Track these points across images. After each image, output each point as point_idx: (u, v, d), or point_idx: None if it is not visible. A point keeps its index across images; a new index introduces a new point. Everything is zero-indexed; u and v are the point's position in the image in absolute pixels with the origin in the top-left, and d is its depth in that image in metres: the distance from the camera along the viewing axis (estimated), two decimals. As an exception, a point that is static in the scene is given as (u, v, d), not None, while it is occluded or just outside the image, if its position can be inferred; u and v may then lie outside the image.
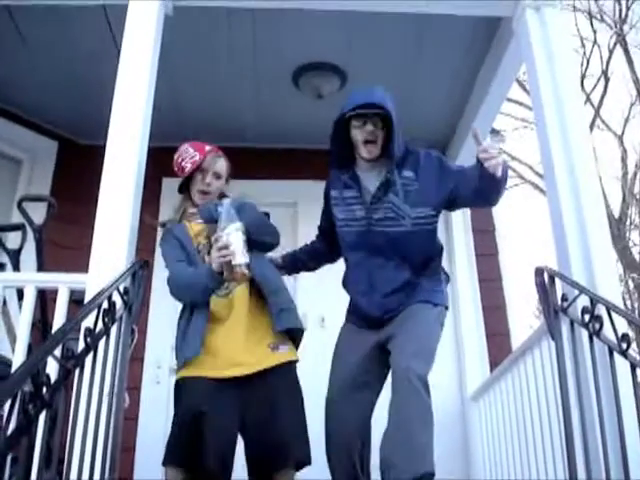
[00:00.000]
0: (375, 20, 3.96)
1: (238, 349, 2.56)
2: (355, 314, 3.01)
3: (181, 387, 2.57)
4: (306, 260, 3.26)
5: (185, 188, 2.89)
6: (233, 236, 2.43)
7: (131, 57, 3.17)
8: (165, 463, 2.43)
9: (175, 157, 2.83)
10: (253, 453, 2.51)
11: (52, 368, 2.18)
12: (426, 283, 2.88)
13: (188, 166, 2.77)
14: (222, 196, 2.86)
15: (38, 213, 3.51)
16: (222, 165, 2.86)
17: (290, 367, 2.65)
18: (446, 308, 2.95)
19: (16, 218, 4.63)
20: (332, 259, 3.22)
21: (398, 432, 2.56)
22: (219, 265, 2.47)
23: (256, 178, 4.79)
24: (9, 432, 1.45)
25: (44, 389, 1.59)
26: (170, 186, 4.98)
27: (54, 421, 1.76)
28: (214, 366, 2.53)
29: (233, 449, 2.48)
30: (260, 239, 2.68)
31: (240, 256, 2.42)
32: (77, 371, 1.90)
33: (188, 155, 2.79)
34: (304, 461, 2.53)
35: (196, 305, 2.64)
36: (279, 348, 2.61)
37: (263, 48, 4.28)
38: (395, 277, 2.84)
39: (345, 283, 3.04)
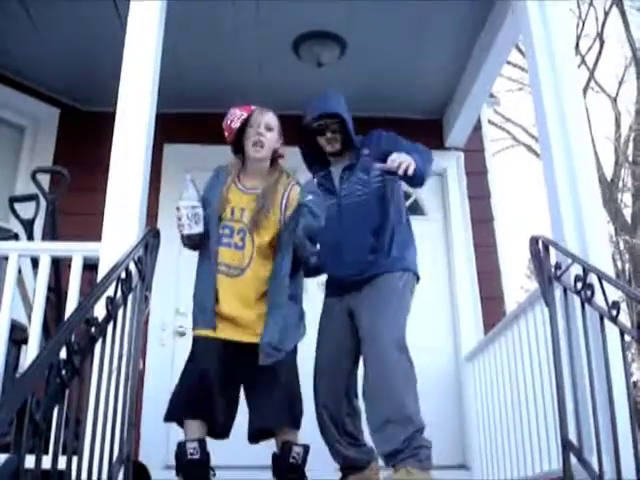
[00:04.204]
0: (374, -11, 4.00)
1: (249, 310, 2.75)
2: (330, 282, 3.28)
3: (196, 341, 2.78)
4: None
5: (239, 150, 2.97)
6: (183, 210, 2.76)
7: (139, 25, 3.19)
8: (185, 417, 2.65)
9: (224, 122, 2.89)
10: (252, 413, 2.75)
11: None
12: (395, 249, 3.12)
13: (238, 124, 2.85)
14: (274, 158, 2.98)
15: (43, 182, 3.55)
16: (271, 117, 2.94)
17: None
18: (414, 274, 3.17)
19: (20, 185, 4.72)
20: None
21: (380, 395, 2.81)
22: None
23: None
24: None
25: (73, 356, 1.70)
26: (171, 152, 5.11)
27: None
28: (228, 330, 2.72)
29: (236, 405, 2.77)
30: (299, 252, 2.81)
31: (187, 228, 2.76)
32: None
33: (236, 115, 2.86)
34: (294, 424, 2.74)
35: (205, 258, 2.85)
36: None
37: (265, 15, 4.29)
38: (363, 239, 3.11)
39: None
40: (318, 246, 2.93)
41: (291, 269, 2.80)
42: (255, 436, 2.74)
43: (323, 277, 3.39)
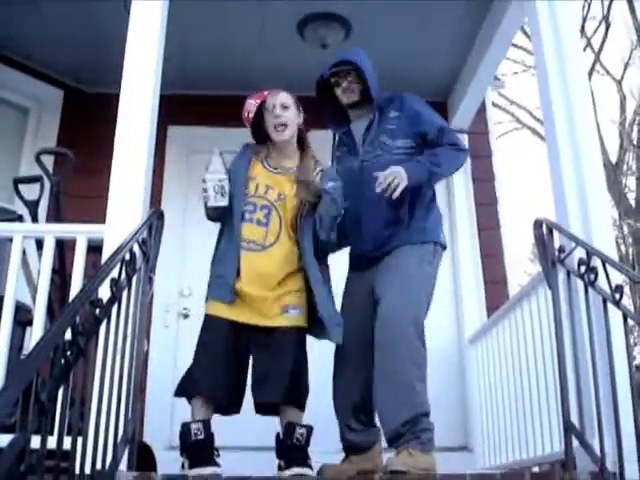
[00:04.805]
0: (380, -30, 3.97)
1: (267, 290, 2.76)
2: (351, 256, 3.23)
3: (207, 321, 2.80)
4: None
5: (263, 137, 3.00)
6: (209, 182, 2.77)
7: (143, 7, 3.19)
8: (195, 394, 2.66)
9: (243, 115, 2.94)
10: (255, 388, 2.75)
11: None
12: (414, 220, 3.05)
13: (254, 112, 2.89)
14: (301, 138, 3.00)
15: (47, 164, 3.55)
16: (284, 95, 2.95)
17: (298, 330, 2.82)
18: (436, 243, 3.09)
19: (24, 167, 4.73)
20: None
21: (388, 376, 2.79)
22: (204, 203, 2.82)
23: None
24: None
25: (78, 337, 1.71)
26: (175, 134, 5.10)
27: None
28: (240, 310, 2.74)
29: (244, 384, 2.77)
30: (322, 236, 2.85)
31: (212, 200, 2.77)
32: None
33: (251, 105, 2.91)
34: (298, 404, 2.75)
35: (228, 233, 2.86)
36: (289, 312, 2.78)
37: (269, -3, 4.27)
38: (381, 212, 3.02)
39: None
40: (334, 235, 2.90)
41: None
42: (260, 409, 2.76)
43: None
